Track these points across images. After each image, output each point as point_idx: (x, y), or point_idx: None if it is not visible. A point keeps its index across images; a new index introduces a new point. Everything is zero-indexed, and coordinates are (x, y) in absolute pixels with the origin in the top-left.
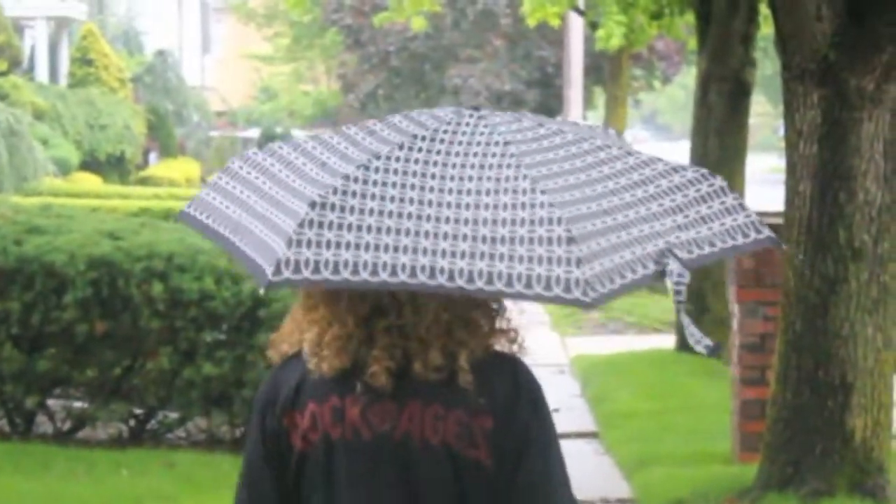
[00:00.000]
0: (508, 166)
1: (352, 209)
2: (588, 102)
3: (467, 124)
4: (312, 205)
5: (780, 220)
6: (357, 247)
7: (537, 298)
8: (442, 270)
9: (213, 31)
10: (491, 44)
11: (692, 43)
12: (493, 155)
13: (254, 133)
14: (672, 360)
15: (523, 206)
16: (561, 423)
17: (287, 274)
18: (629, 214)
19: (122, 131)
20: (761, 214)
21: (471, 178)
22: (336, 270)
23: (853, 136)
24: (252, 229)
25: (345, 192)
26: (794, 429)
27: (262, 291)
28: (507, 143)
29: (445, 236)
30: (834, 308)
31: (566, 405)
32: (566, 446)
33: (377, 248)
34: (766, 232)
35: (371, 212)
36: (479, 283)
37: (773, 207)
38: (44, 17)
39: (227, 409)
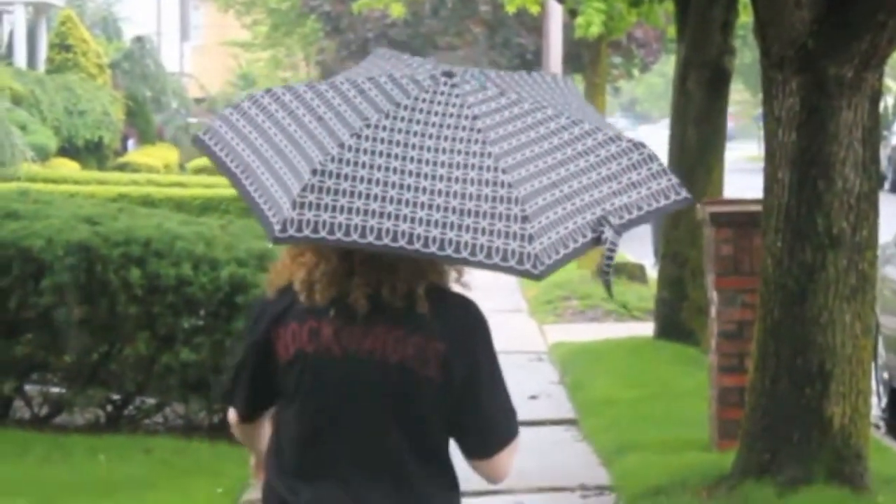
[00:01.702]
0: (475, 141)
1: (346, 176)
2: None
3: (442, 93)
4: (314, 172)
5: (758, 208)
6: (349, 211)
7: (494, 268)
8: (419, 237)
9: (192, 18)
10: (470, 31)
11: (671, 31)
12: (464, 128)
13: None
14: (650, 348)
15: (487, 182)
16: (539, 410)
17: (291, 232)
18: (573, 185)
19: (101, 117)
20: (740, 202)
21: (444, 151)
22: (332, 231)
23: (832, 123)
24: (259, 175)
25: (340, 160)
26: (772, 416)
27: (269, 245)
28: (475, 118)
29: (422, 206)
30: (812, 295)
31: (545, 392)
32: (545, 433)
33: (366, 213)
34: (684, 193)
35: (361, 179)
36: (449, 251)
37: (752, 195)
38: (22, 3)
39: (204, 395)
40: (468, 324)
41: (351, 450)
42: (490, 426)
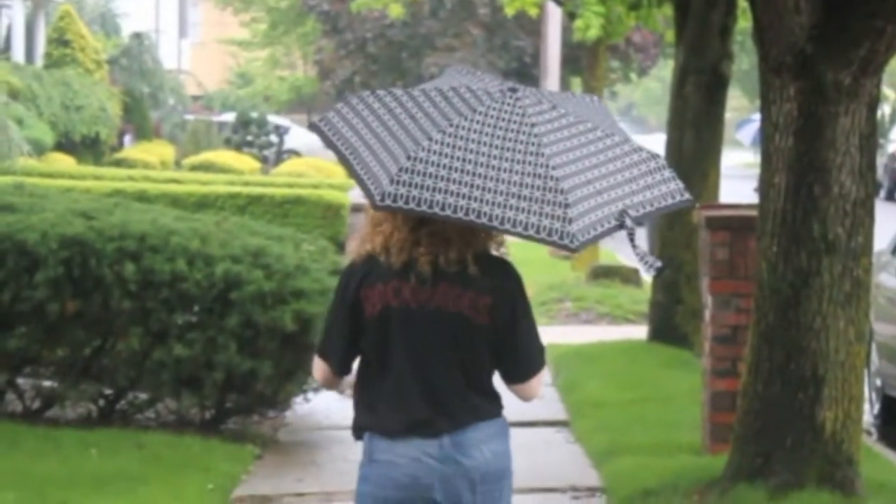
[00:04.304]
0: (532, 143)
1: (432, 163)
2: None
3: (508, 104)
4: (408, 157)
5: (754, 212)
6: (433, 189)
7: (541, 241)
8: (485, 214)
9: (191, 16)
10: (468, 33)
11: (669, 35)
12: (523, 133)
13: (229, 117)
14: (643, 351)
15: (539, 175)
16: (532, 411)
17: (388, 202)
18: (603, 183)
19: (98, 113)
20: (736, 206)
21: (507, 149)
22: (419, 203)
23: (829, 129)
24: (364, 157)
25: (429, 150)
26: (765, 420)
27: (373, 210)
28: (532, 125)
29: (488, 190)
30: (806, 301)
31: None
32: (537, 434)
33: (446, 192)
34: (687, 196)
35: (444, 166)
36: (507, 226)
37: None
38: None
39: (197, 391)
40: (507, 280)
41: (429, 380)
42: (526, 357)
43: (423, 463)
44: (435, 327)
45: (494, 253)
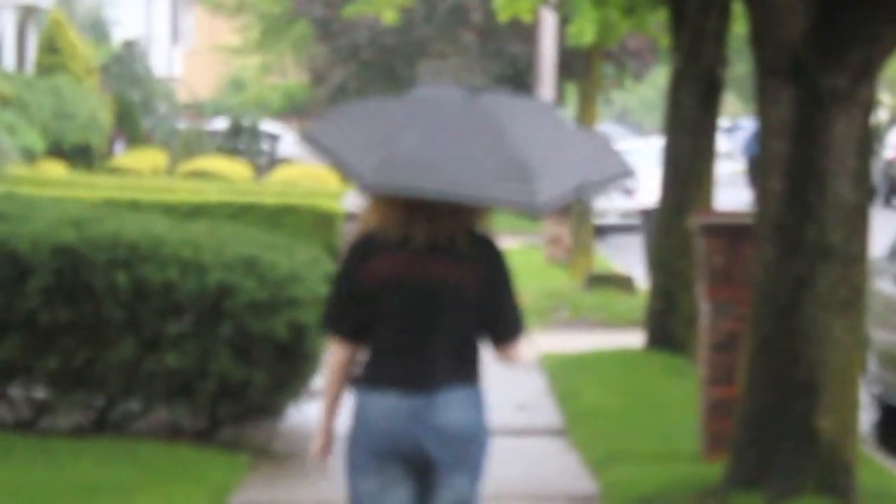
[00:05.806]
0: (496, 132)
1: (407, 152)
2: (559, 99)
3: (473, 99)
4: (388, 150)
5: (751, 219)
6: (410, 176)
7: (511, 210)
8: (457, 194)
9: (182, 22)
10: (462, 39)
11: (664, 40)
12: (488, 122)
13: (221, 124)
14: (640, 359)
15: (506, 159)
16: (528, 420)
17: (371, 188)
18: (562, 163)
19: (89, 121)
20: (732, 214)
21: (475, 138)
22: (394, 187)
23: (825, 134)
24: (346, 157)
25: (403, 142)
26: (762, 428)
27: (361, 191)
28: (496, 116)
29: (462, 172)
30: (803, 308)
31: (533, 402)
32: (533, 443)
33: (420, 177)
34: (630, 169)
35: (417, 155)
36: (476, 200)
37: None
38: (11, 5)
39: (189, 400)
40: (493, 253)
41: (418, 343)
42: (510, 321)
43: (393, 419)
44: (429, 295)
45: (479, 231)
